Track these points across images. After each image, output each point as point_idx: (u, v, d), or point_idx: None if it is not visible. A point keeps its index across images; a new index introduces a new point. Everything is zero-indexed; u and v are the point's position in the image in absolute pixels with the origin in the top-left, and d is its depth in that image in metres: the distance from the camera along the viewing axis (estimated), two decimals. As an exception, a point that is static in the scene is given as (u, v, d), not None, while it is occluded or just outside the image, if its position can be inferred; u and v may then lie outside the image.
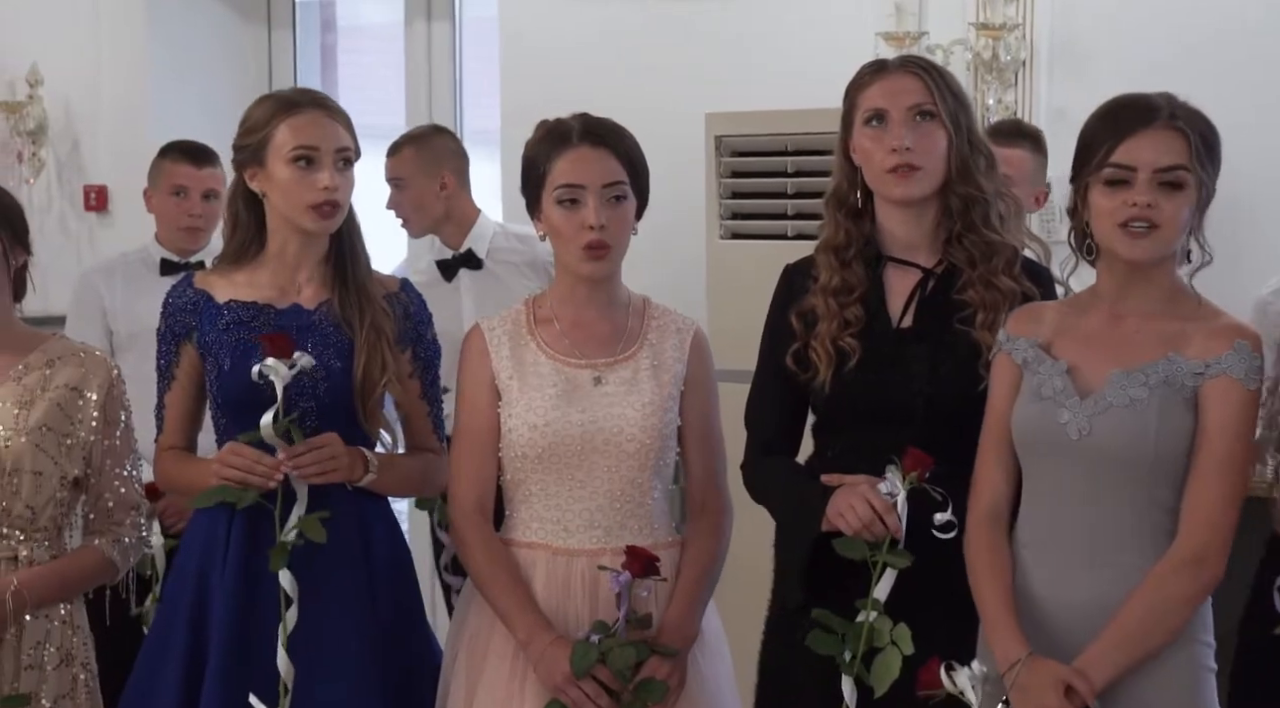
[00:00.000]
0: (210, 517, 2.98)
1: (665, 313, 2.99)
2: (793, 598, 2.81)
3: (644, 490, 2.90)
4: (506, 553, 2.91)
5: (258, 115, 3.00)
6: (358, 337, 2.98)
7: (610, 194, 2.87)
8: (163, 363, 3.08)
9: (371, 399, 2.97)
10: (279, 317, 3.00)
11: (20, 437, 2.98)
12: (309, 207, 2.96)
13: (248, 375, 2.90)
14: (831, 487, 2.74)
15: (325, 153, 2.96)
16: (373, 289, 3.03)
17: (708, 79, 4.75)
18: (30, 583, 2.96)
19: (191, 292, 3.05)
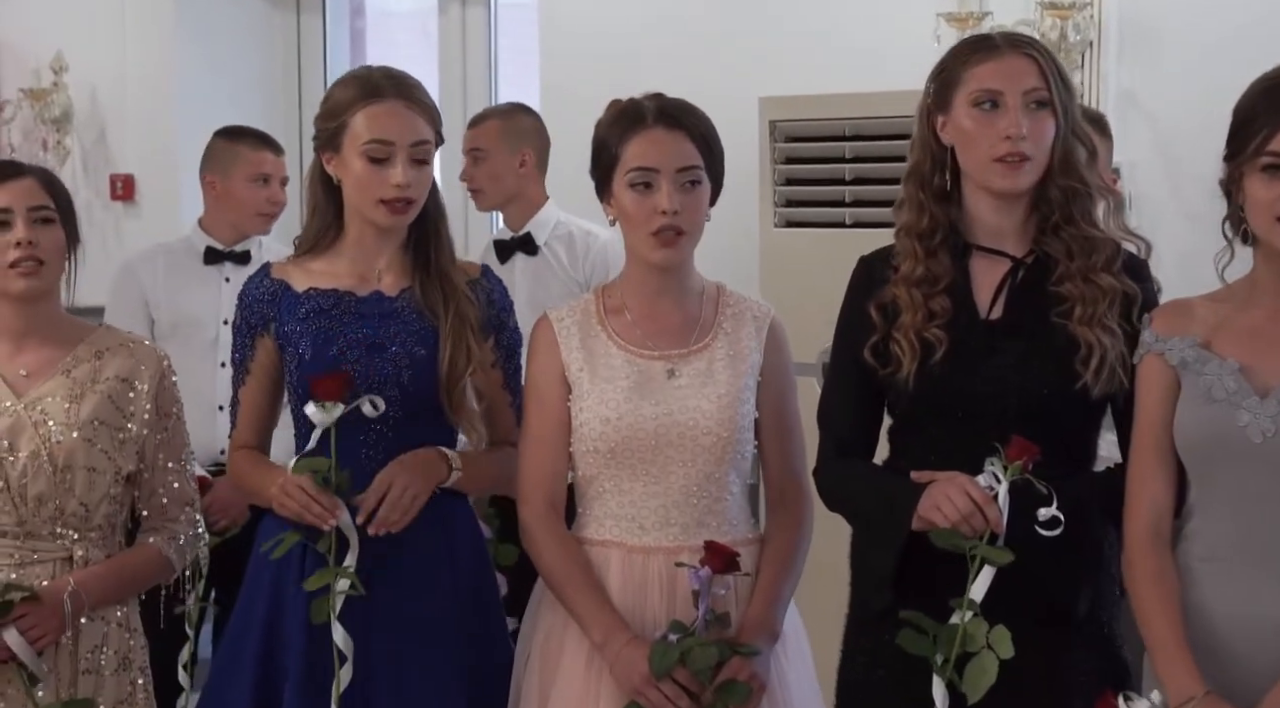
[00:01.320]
0: (281, 523, 2.86)
1: (740, 300, 2.88)
2: (878, 601, 2.67)
3: (721, 485, 2.79)
4: (580, 552, 2.79)
5: (338, 98, 2.88)
6: (442, 325, 2.87)
7: (684, 178, 2.76)
8: (237, 357, 2.97)
9: (457, 389, 2.86)
10: (360, 304, 2.89)
11: (72, 432, 2.88)
12: (379, 201, 2.84)
13: (328, 366, 2.81)
14: (922, 484, 2.59)
15: (400, 148, 2.83)
16: (456, 276, 2.92)
17: (761, 61, 4.62)
18: (87, 584, 2.87)
19: (269, 282, 2.94)
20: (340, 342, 2.85)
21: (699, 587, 2.65)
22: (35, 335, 2.95)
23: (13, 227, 2.88)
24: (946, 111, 2.69)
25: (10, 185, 2.90)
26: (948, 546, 2.51)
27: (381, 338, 2.86)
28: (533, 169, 4.40)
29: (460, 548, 2.92)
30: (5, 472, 2.86)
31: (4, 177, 2.92)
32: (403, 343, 2.85)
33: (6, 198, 2.89)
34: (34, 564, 2.87)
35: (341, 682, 2.72)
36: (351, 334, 2.86)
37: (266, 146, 4.50)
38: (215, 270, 4.42)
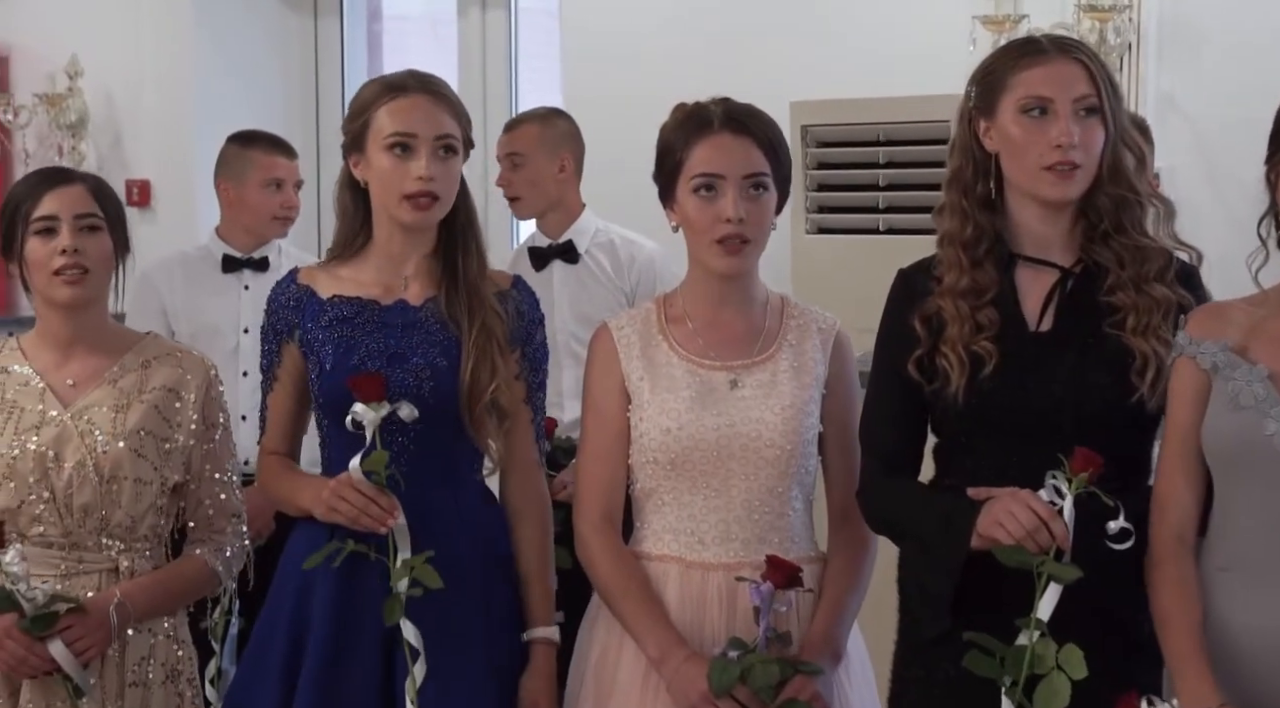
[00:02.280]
0: (314, 531, 2.81)
1: (805, 311, 2.83)
2: (935, 626, 2.58)
3: (783, 500, 2.73)
4: (637, 566, 2.74)
5: (363, 98, 2.84)
6: (466, 338, 2.81)
7: (750, 185, 2.71)
8: (265, 363, 2.93)
9: (479, 406, 2.79)
10: (383, 313, 2.84)
11: (118, 442, 2.85)
12: (404, 197, 2.78)
13: (349, 374, 2.75)
14: (980, 501, 2.51)
15: (424, 140, 2.78)
16: (484, 288, 2.86)
17: (792, 65, 4.56)
18: (134, 595, 2.83)
19: (295, 288, 2.89)
20: (361, 351, 2.80)
21: (760, 603, 2.60)
22: (82, 344, 2.92)
23: (58, 234, 2.85)
24: (991, 117, 2.62)
25: (57, 192, 2.87)
26: (1013, 563, 2.43)
27: (403, 348, 2.81)
28: (571, 175, 4.34)
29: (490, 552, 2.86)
30: (51, 482, 2.83)
31: (52, 184, 2.89)
32: (424, 354, 2.80)
33: (53, 205, 2.85)
34: (80, 575, 2.84)
35: (416, 678, 2.67)
36: (373, 343, 2.81)
37: (279, 151, 4.46)
38: (234, 278, 4.38)
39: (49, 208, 2.85)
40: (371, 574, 2.73)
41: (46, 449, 2.84)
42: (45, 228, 2.85)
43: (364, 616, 2.74)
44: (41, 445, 2.84)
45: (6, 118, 6.26)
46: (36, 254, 2.85)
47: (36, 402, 2.88)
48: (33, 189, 2.88)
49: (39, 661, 2.75)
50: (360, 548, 2.69)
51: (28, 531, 2.83)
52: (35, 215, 2.85)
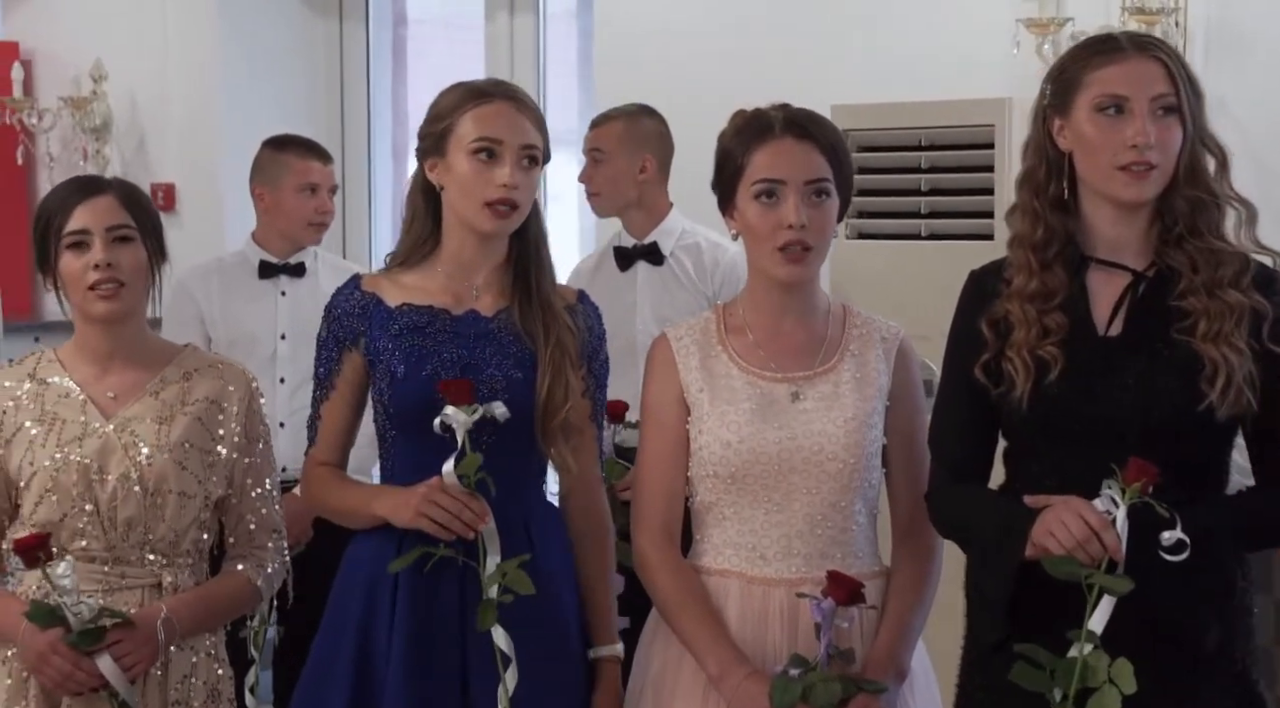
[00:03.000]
0: (377, 541, 2.77)
1: (868, 320, 2.77)
2: (991, 633, 2.54)
3: (846, 515, 2.68)
4: (697, 581, 2.69)
5: (445, 103, 2.79)
6: (541, 354, 2.76)
7: (813, 191, 2.66)
8: (322, 371, 2.86)
9: (553, 423, 2.75)
10: (455, 323, 2.79)
11: (162, 454, 2.81)
12: (485, 203, 2.74)
13: (422, 386, 2.72)
14: (1038, 509, 2.46)
15: (509, 147, 2.74)
16: (557, 303, 2.82)
17: (832, 68, 4.52)
18: (179, 611, 2.79)
19: (360, 295, 2.83)
20: (434, 361, 2.76)
21: (821, 619, 2.54)
22: (121, 356, 2.87)
23: (90, 248, 2.79)
24: (1065, 115, 2.56)
25: (88, 205, 2.80)
26: (1062, 574, 2.38)
27: (476, 360, 2.77)
28: (654, 175, 4.26)
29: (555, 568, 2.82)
30: (95, 495, 2.79)
31: (81, 195, 2.82)
32: (499, 366, 2.76)
33: (84, 218, 2.79)
34: (122, 590, 2.80)
35: (509, 686, 2.64)
36: (446, 354, 2.76)
37: (314, 155, 4.43)
38: (270, 284, 4.35)
39: (80, 222, 2.79)
40: (447, 581, 2.70)
41: (90, 462, 2.79)
42: (77, 242, 2.79)
43: (442, 622, 2.71)
44: (85, 458, 2.80)
45: (31, 122, 6.23)
46: (70, 269, 2.79)
47: (78, 413, 2.83)
48: (63, 202, 2.82)
49: (85, 676, 2.70)
50: (450, 552, 2.66)
51: (70, 544, 2.78)
52: (66, 230, 2.79)
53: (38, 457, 2.80)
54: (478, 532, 2.65)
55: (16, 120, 6.21)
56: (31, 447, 2.81)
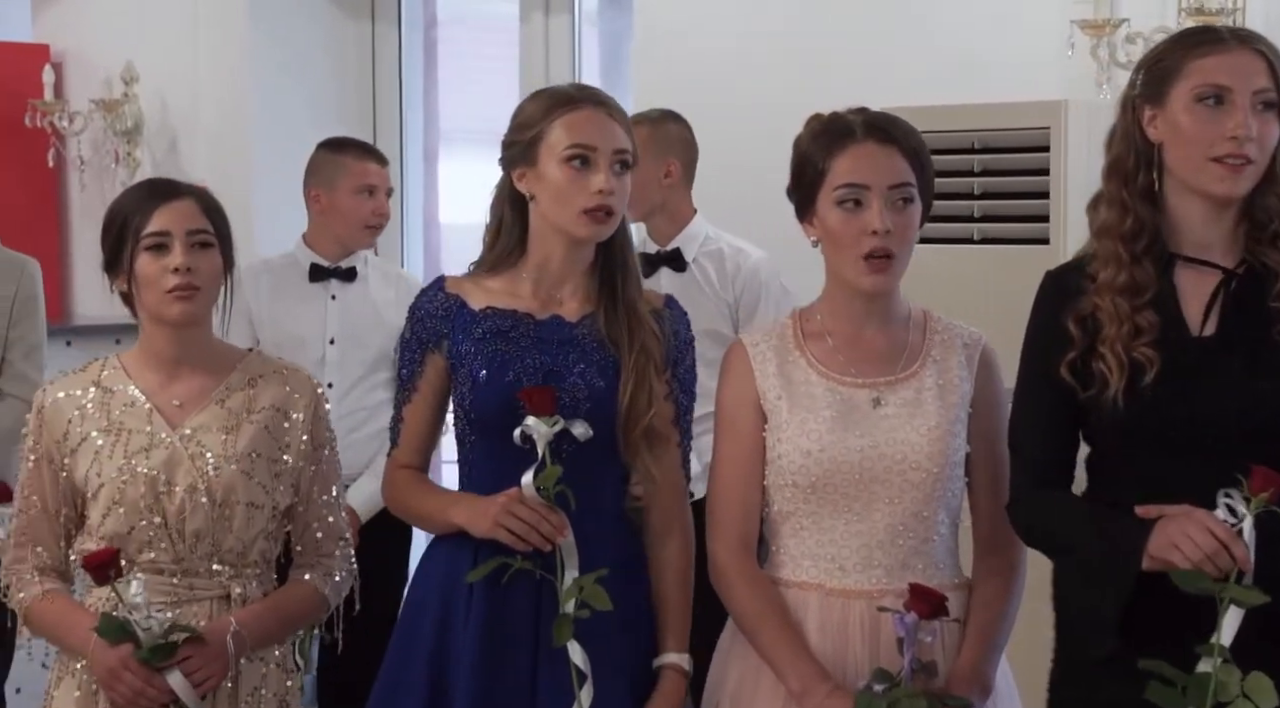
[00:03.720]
0: (453, 549, 2.74)
1: (949, 327, 2.72)
2: (1100, 648, 2.48)
3: (929, 525, 2.63)
4: (776, 593, 2.64)
5: (531, 110, 2.75)
6: (625, 360, 2.72)
7: (897, 196, 2.61)
8: (405, 373, 2.83)
9: (636, 430, 2.71)
10: (539, 328, 2.75)
11: (230, 464, 2.77)
12: (581, 211, 2.71)
13: (503, 391, 2.69)
14: (1148, 521, 2.40)
15: (603, 153, 2.71)
16: (642, 308, 2.78)
17: (882, 71, 4.46)
18: (248, 623, 2.76)
19: (443, 297, 2.80)
20: (516, 366, 2.72)
21: (904, 634, 2.49)
22: (187, 363, 2.84)
23: (170, 250, 2.76)
24: (1159, 104, 2.51)
25: (169, 207, 2.79)
26: (1193, 589, 2.32)
27: (559, 366, 2.73)
28: (679, 180, 4.21)
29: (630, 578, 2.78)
30: (163, 507, 2.75)
31: (162, 197, 2.80)
32: (582, 373, 2.72)
33: (165, 221, 2.77)
34: (191, 602, 2.76)
35: (584, 704, 2.60)
36: (529, 360, 2.73)
37: (370, 157, 4.41)
38: (321, 288, 4.31)
39: (161, 224, 2.77)
40: (521, 591, 2.67)
41: (158, 473, 2.76)
42: (157, 244, 2.76)
43: (515, 632, 2.68)
44: (152, 469, 2.76)
45: (62, 124, 6.19)
46: (148, 271, 2.77)
47: (144, 423, 2.80)
48: (142, 203, 2.80)
49: (156, 693, 2.67)
50: (527, 564, 2.62)
51: (137, 557, 2.75)
52: (147, 231, 2.77)
53: (105, 468, 2.77)
54: (555, 545, 2.62)
55: (47, 123, 6.18)
56: (98, 457, 2.78)
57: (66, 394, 2.83)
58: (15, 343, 4.07)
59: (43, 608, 2.81)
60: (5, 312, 4.05)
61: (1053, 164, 3.97)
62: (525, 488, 2.61)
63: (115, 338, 5.64)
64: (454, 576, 2.71)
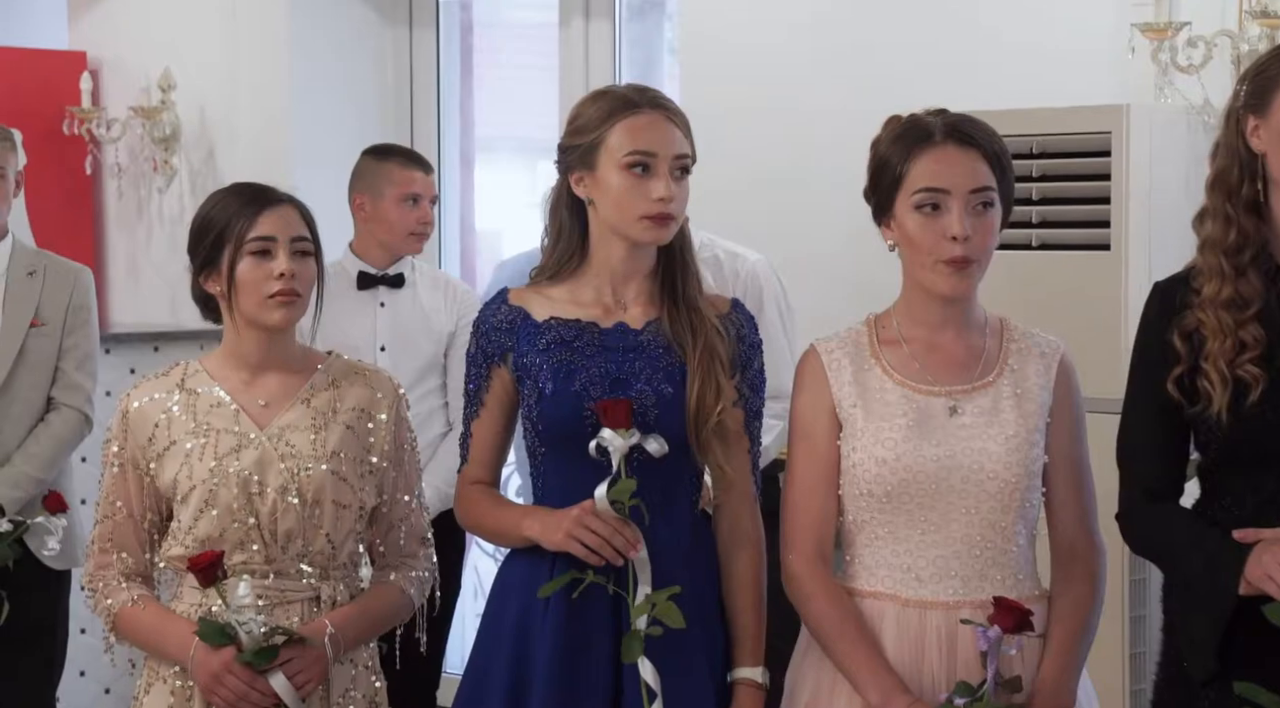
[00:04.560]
0: (529, 563, 2.70)
1: (1026, 334, 2.67)
2: (1201, 671, 2.45)
3: (1007, 536, 2.58)
4: (852, 604, 2.60)
5: (590, 114, 2.71)
6: (690, 359, 2.68)
7: (978, 200, 2.56)
8: (472, 387, 2.80)
9: (706, 429, 2.66)
10: (604, 336, 2.71)
11: (320, 465, 2.76)
12: (642, 217, 2.67)
13: (570, 401, 2.65)
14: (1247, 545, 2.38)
15: (663, 159, 2.67)
16: (704, 306, 2.74)
17: (936, 75, 4.40)
18: (341, 625, 2.75)
19: (506, 309, 2.76)
20: (582, 376, 2.68)
21: (987, 648, 2.44)
22: (272, 365, 2.83)
23: (275, 256, 2.75)
24: (1262, 114, 2.47)
25: (273, 212, 2.77)
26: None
27: (625, 374, 2.69)
28: None
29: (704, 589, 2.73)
30: (255, 507, 2.73)
31: (266, 202, 2.78)
32: (649, 380, 2.68)
33: (270, 226, 2.75)
34: (283, 604, 2.74)
35: None
36: (595, 368, 2.69)
37: (415, 164, 4.38)
38: (369, 295, 4.28)
39: (266, 229, 2.75)
40: (598, 605, 2.63)
41: (250, 474, 2.74)
42: (262, 249, 2.74)
43: (594, 647, 2.63)
44: (244, 470, 2.74)
45: (99, 131, 6.16)
46: (251, 275, 2.75)
47: (232, 423, 2.79)
48: (245, 207, 2.77)
49: (259, 696, 2.67)
50: (599, 579, 2.58)
51: (230, 559, 2.73)
52: (252, 235, 2.74)
53: (195, 470, 2.75)
54: (628, 559, 2.57)
55: (85, 130, 6.15)
56: (188, 460, 2.76)
57: (151, 398, 2.82)
58: (68, 352, 4.08)
59: (134, 614, 2.79)
60: (59, 321, 4.06)
61: (1114, 169, 3.91)
62: (598, 501, 2.57)
63: (154, 345, 5.63)
64: (531, 589, 2.68)
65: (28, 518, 3.89)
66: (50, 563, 3.99)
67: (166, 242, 6.17)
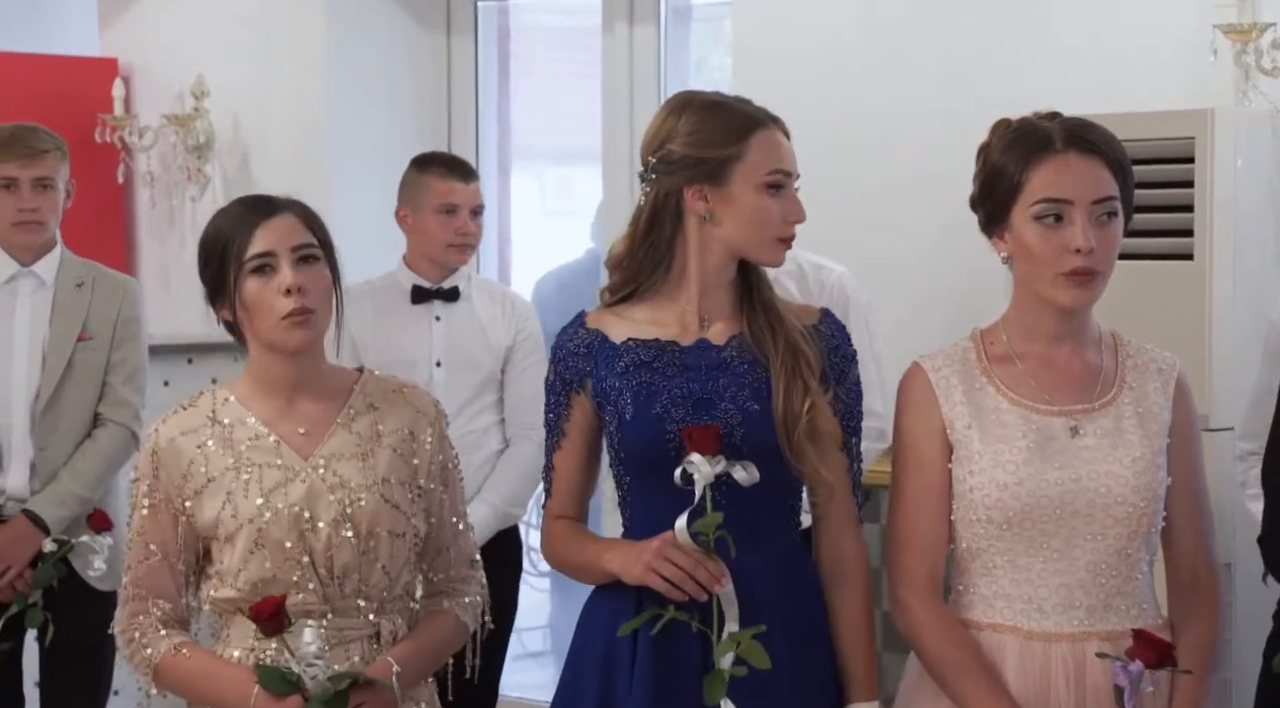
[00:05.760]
0: (613, 598, 2.57)
1: (1141, 350, 2.55)
2: None
3: (1131, 563, 2.45)
4: (969, 637, 2.46)
5: (717, 126, 2.55)
6: (774, 361, 2.55)
7: (1101, 211, 2.44)
8: (552, 417, 2.66)
9: (797, 433, 2.52)
10: (684, 354, 2.58)
11: (371, 493, 2.59)
12: (777, 239, 2.58)
13: (652, 425, 2.52)
14: None
15: (793, 179, 2.59)
16: (784, 311, 2.63)
17: (1009, 80, 4.26)
18: (405, 662, 2.58)
19: (584, 333, 2.63)
20: (664, 398, 2.54)
21: (1126, 683, 2.31)
22: (304, 389, 2.65)
23: (277, 271, 2.56)
24: None
25: (269, 225, 2.57)
26: None
27: (709, 393, 2.55)
28: None
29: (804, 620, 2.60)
30: (309, 545, 2.56)
31: (260, 215, 2.58)
32: (733, 398, 2.54)
33: (267, 240, 2.56)
34: (342, 645, 2.57)
35: None
36: (676, 389, 2.55)
37: (455, 174, 4.23)
38: (424, 309, 4.15)
39: (264, 244, 2.55)
40: (686, 640, 2.49)
41: (301, 509, 2.56)
42: (262, 265, 2.56)
43: (683, 685, 2.50)
44: (294, 504, 2.57)
45: (132, 139, 6.04)
46: (259, 297, 2.56)
47: (273, 456, 2.60)
48: (239, 223, 2.58)
49: None
50: (681, 615, 2.45)
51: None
52: (250, 253, 2.55)
53: (240, 508, 2.57)
54: (712, 594, 2.44)
55: (117, 138, 6.02)
56: (231, 498, 2.58)
57: (182, 433, 2.63)
58: (117, 366, 3.98)
59: (177, 663, 2.61)
60: (107, 334, 3.95)
61: (1197, 175, 3.77)
62: (679, 533, 2.43)
63: (187, 357, 5.51)
64: (615, 625, 2.55)
65: (73, 537, 3.80)
66: (95, 583, 3.87)
67: (199, 252, 6.05)
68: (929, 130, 4.42)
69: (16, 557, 3.79)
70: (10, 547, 3.79)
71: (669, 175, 2.57)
